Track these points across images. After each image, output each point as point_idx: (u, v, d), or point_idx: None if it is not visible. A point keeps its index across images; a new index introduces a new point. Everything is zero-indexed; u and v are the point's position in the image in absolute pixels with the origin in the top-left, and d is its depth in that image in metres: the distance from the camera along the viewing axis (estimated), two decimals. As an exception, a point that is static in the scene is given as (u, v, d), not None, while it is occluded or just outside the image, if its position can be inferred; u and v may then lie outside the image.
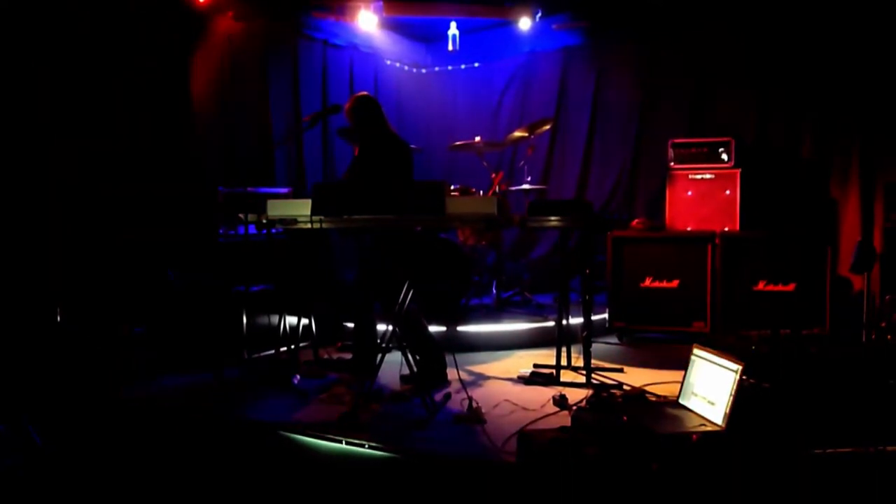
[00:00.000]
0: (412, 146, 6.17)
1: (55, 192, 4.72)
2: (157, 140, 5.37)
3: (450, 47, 7.23)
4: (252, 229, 4.61)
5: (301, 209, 3.66)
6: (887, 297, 3.65)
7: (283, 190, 5.67)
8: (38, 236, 4.57)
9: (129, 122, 5.20)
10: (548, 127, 6.53)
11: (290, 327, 4.84)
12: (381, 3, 6.67)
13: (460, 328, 5.40)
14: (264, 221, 3.94)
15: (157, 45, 5.35)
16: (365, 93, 4.50)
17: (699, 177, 5.91)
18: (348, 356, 4.92)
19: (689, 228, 5.83)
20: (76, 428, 3.99)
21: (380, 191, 3.46)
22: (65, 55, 4.74)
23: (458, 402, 3.82)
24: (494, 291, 6.19)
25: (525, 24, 7.18)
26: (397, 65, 8.02)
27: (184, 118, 5.58)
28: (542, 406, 3.79)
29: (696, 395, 2.87)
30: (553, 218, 4.32)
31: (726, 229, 5.66)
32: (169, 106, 5.47)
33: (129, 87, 5.17)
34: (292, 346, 4.73)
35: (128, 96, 5.17)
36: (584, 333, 4.37)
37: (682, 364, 3.06)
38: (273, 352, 4.71)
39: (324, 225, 3.63)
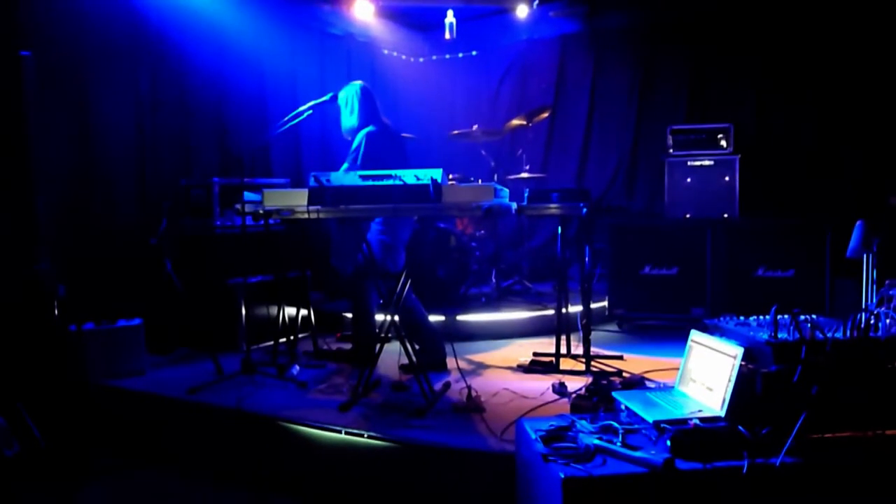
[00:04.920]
0: (410, 135, 6.19)
1: (50, 184, 4.70)
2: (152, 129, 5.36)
3: (447, 36, 7.18)
4: (249, 220, 4.59)
5: (298, 199, 3.65)
6: (887, 280, 3.63)
7: (281, 181, 5.66)
8: (34, 227, 4.56)
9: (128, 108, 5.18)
10: (546, 115, 6.51)
11: (289, 318, 4.83)
12: (378, -9, 6.65)
13: (459, 317, 5.39)
14: (262, 212, 3.94)
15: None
16: (359, 81, 4.46)
17: (698, 163, 5.89)
18: (347, 346, 4.92)
19: (688, 215, 5.82)
20: (74, 419, 3.99)
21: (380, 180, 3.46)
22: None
23: (457, 391, 3.82)
24: (493, 280, 6.18)
25: (522, 11, 7.14)
26: (395, 54, 7.99)
27: (178, 109, 5.56)
28: (542, 394, 3.79)
29: (694, 381, 2.86)
30: (552, 206, 4.31)
31: (725, 216, 5.65)
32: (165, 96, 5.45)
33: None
34: (291, 337, 4.73)
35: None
36: (584, 321, 4.37)
37: (681, 351, 3.05)
38: (272, 343, 4.70)
39: (321, 215, 3.61)
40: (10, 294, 4.29)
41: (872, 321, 2.72)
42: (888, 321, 2.73)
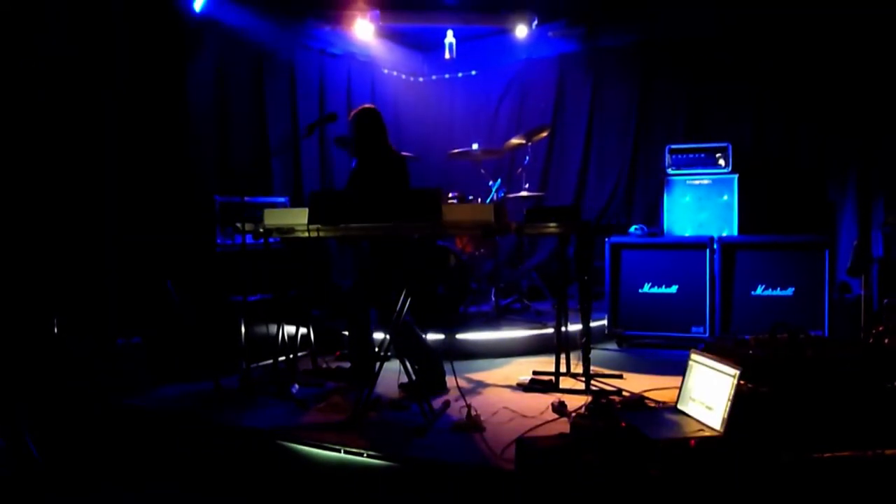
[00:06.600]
0: (409, 154, 6.22)
1: (52, 201, 4.72)
2: (154, 149, 5.37)
3: (447, 55, 7.25)
4: (249, 238, 4.62)
5: (298, 218, 3.66)
6: (885, 300, 3.64)
7: (281, 199, 5.68)
8: (34, 246, 4.57)
9: (123, 132, 5.19)
10: (545, 134, 6.55)
11: (289, 336, 4.83)
12: (378, 12, 6.69)
13: (459, 336, 5.39)
14: (261, 230, 3.95)
15: (152, 54, 5.36)
16: (370, 105, 4.50)
17: (697, 182, 5.92)
18: (347, 365, 4.91)
19: (687, 233, 5.83)
20: (75, 438, 3.98)
21: (376, 199, 3.47)
22: (55, 65, 4.74)
23: (456, 410, 3.81)
24: (493, 299, 6.18)
25: (521, 31, 7.21)
26: (395, 73, 8.04)
27: (180, 128, 5.58)
28: (542, 413, 3.78)
29: (694, 400, 2.86)
30: (550, 224, 4.32)
31: (724, 234, 5.66)
32: (165, 115, 5.47)
33: (124, 95, 5.17)
34: (290, 356, 4.72)
35: (121, 105, 5.17)
36: (583, 340, 4.36)
37: (681, 369, 3.05)
38: (271, 361, 4.69)
39: (320, 233, 3.63)
40: (10, 312, 4.30)
41: (871, 340, 2.72)
42: (886, 340, 2.74)
